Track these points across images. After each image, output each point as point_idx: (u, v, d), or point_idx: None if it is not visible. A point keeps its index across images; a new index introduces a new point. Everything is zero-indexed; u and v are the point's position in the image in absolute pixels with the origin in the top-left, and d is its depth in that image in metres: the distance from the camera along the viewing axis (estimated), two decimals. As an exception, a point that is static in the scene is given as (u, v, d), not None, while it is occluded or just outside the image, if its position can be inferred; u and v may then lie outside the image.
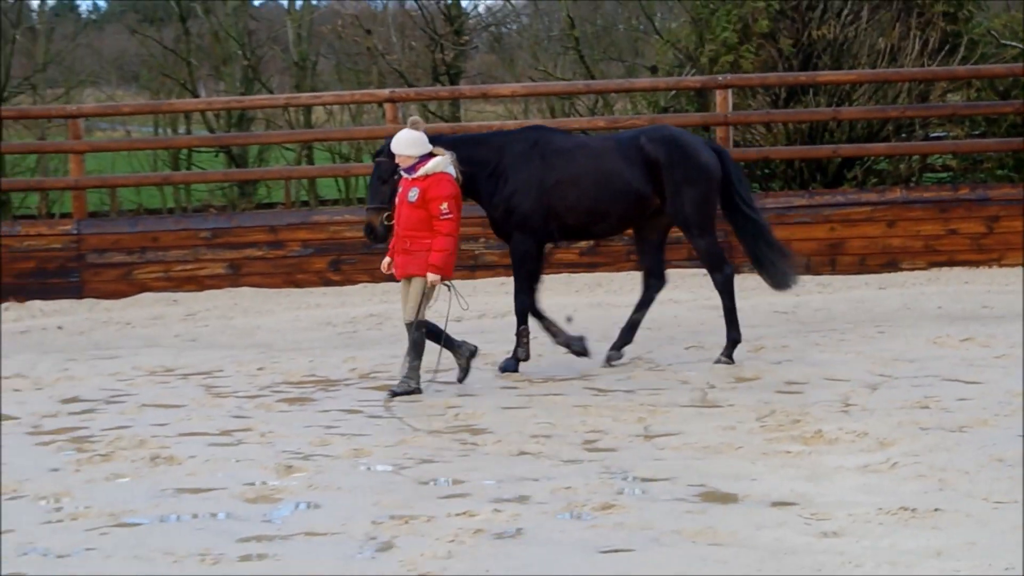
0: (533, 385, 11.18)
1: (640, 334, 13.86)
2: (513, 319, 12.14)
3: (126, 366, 12.39)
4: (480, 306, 16.68)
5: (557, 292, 17.68)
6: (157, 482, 8.12)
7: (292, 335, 15.03)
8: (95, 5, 38.24)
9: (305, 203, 29.23)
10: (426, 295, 10.96)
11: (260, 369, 12.43)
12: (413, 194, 10.86)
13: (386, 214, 11.33)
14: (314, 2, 32.18)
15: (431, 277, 10.81)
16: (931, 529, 6.64)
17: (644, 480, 7.82)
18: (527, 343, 11.97)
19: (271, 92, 30.02)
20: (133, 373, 12.11)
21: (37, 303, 17.50)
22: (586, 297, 17.24)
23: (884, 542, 6.45)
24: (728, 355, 12.03)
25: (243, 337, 14.98)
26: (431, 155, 11.00)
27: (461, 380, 11.25)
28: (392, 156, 11.20)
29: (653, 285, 12.69)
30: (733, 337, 12.18)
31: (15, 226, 19.59)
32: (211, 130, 29.18)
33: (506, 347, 12.68)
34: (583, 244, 19.06)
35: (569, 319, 13.30)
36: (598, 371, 11.70)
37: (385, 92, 21.27)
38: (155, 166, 29.90)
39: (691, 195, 12.02)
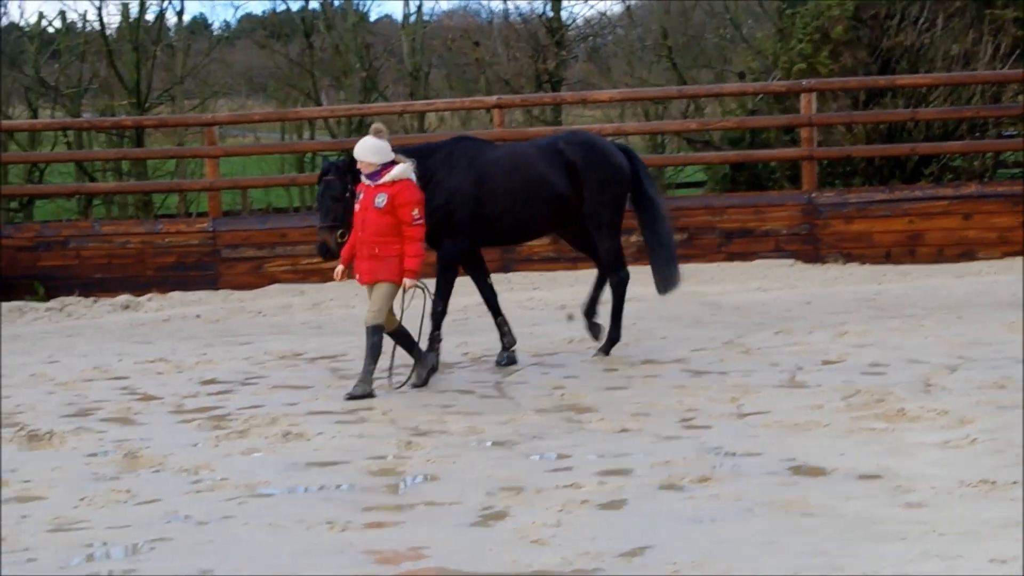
0: (632, 367, 11.13)
1: (731, 319, 13.83)
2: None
3: (258, 351, 12.47)
4: (583, 295, 16.64)
5: (650, 282, 17.61)
6: (288, 456, 8.15)
7: (406, 322, 15.03)
8: (226, 23, 38.44)
9: (419, 201, 29.27)
10: (397, 298, 10.50)
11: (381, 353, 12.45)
12: (381, 200, 10.16)
13: (339, 232, 10.71)
14: (426, 17, 32.22)
15: (408, 281, 10.33)
16: (1010, 500, 6.52)
17: (737, 455, 7.75)
18: (439, 349, 11.44)
19: (387, 100, 30.12)
20: (264, 357, 12.18)
21: (177, 294, 17.72)
22: (680, 286, 17.10)
23: (965, 512, 6.34)
24: (606, 351, 11.78)
25: (362, 324, 15.00)
26: (392, 162, 10.32)
27: (414, 385, 10.56)
28: (341, 175, 10.74)
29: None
30: (613, 336, 11.92)
31: (157, 224, 19.83)
32: (333, 135, 29.34)
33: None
34: (678, 237, 18.97)
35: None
36: (692, 354, 11.61)
37: (492, 99, 21.31)
38: (282, 169, 30.21)
39: (607, 197, 11.69)
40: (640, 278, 17.04)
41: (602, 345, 11.88)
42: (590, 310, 12.19)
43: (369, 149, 10.26)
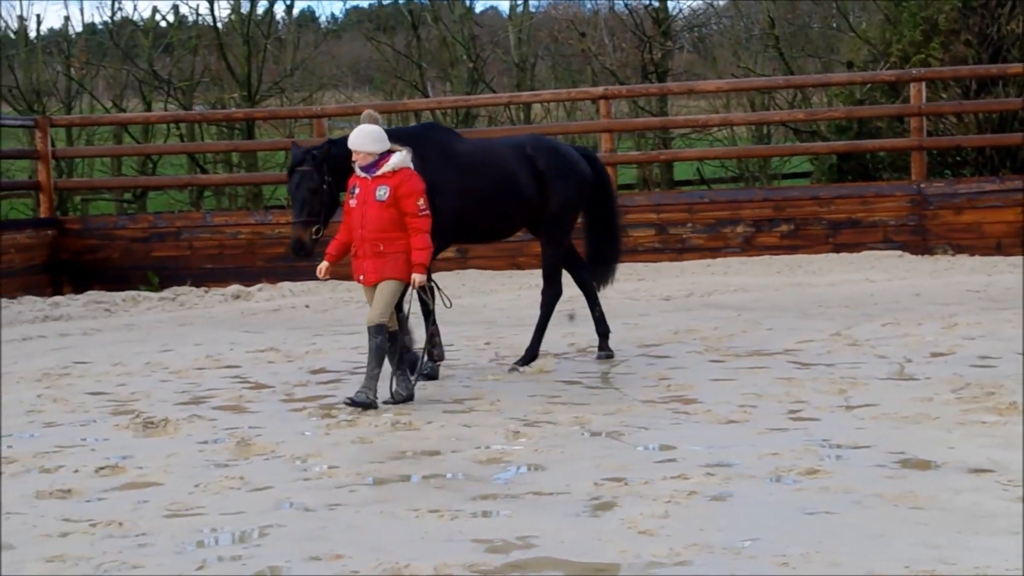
0: (739, 359, 11.08)
1: (838, 310, 13.72)
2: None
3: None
4: (689, 286, 16.65)
5: (757, 274, 17.57)
6: (397, 445, 8.20)
7: (515, 312, 15.10)
8: (333, 16, 38.69)
9: (525, 192, 29.31)
10: (404, 296, 9.84)
11: (487, 344, 12.54)
12: (382, 192, 9.41)
13: (315, 227, 10.11)
14: (532, 8, 32.24)
15: (418, 278, 9.54)
16: (1124, 496, 6.44)
17: (846, 447, 7.69)
18: (439, 342, 10.97)
19: (494, 91, 30.18)
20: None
21: (286, 284, 17.93)
22: (786, 277, 17.08)
23: (1078, 507, 6.27)
24: (524, 363, 11.10)
25: (470, 314, 15.09)
26: (388, 151, 9.59)
27: (352, 402, 9.41)
28: (317, 165, 10.08)
29: (583, 275, 11.96)
30: (532, 352, 11.24)
31: (267, 215, 20.05)
32: (439, 125, 29.44)
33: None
34: (784, 228, 18.91)
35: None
36: (799, 346, 11.54)
37: (599, 90, 21.28)
38: (390, 160, 30.32)
39: (568, 210, 11.33)
40: (753, 268, 17.02)
41: (520, 360, 11.19)
42: (602, 327, 11.72)
43: (368, 138, 9.53)
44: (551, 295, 11.51)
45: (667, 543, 5.85)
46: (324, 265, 9.83)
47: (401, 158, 9.53)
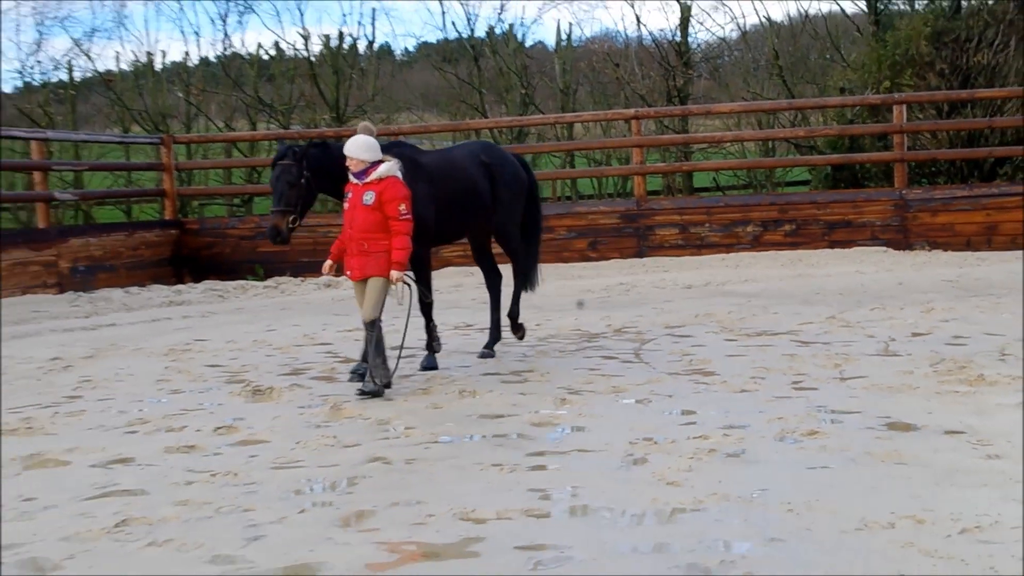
0: (750, 338, 11.05)
1: (833, 298, 13.66)
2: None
3: (436, 322, 12.57)
4: (707, 277, 16.62)
5: (764, 266, 17.52)
6: (463, 410, 8.23)
7: (560, 299, 15.12)
8: (406, 49, 38.71)
9: (568, 197, 29.35)
10: (388, 292, 9.18)
11: (538, 325, 12.54)
12: (369, 197, 8.94)
13: (291, 217, 9.49)
14: (574, 43, 32.19)
15: (395, 274, 8.98)
16: (1077, 454, 6.41)
17: (841, 413, 7.66)
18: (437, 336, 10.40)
19: (542, 113, 30.16)
20: (442, 328, 12.27)
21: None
22: (789, 270, 17.04)
23: (1038, 464, 6.23)
24: (491, 347, 10.76)
25: (522, 301, 15.07)
26: (379, 161, 9.13)
27: (361, 391, 8.88)
28: (297, 160, 9.48)
29: (494, 281, 11.28)
30: (496, 335, 10.90)
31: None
32: (496, 142, 29.44)
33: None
34: (787, 227, 18.87)
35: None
36: (801, 327, 11.50)
37: (631, 111, 21.28)
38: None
39: (515, 206, 10.84)
40: (761, 262, 16.96)
41: (486, 344, 10.84)
42: (496, 333, 10.95)
43: (362, 147, 9.04)
44: (521, 282, 11.19)
45: (691, 492, 5.85)
46: (328, 263, 9.36)
47: (388, 167, 9.08)
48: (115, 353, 11.75)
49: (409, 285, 9.29)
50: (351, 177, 9.11)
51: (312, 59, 30.32)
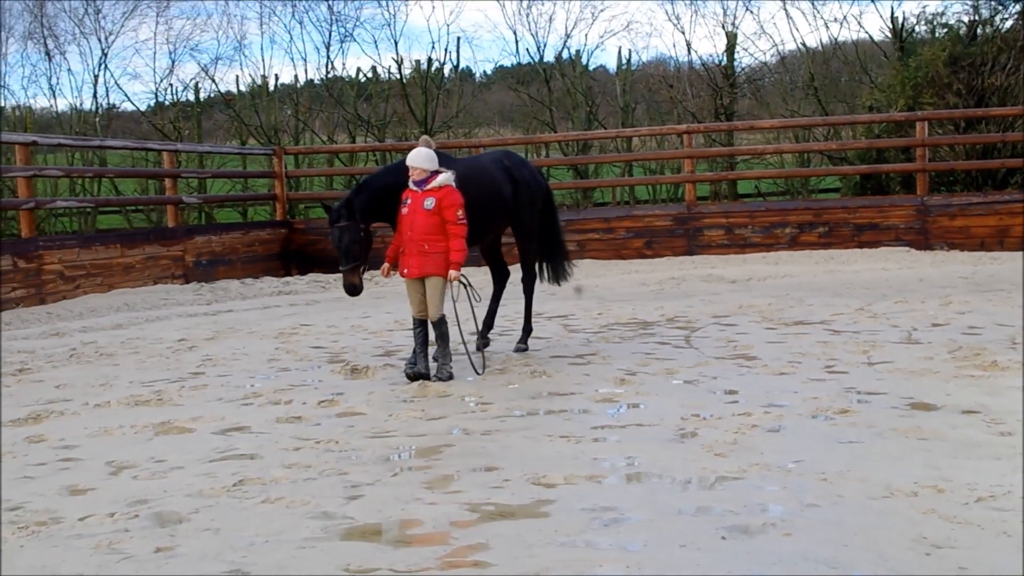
0: (787, 327, 10.94)
1: (861, 292, 13.48)
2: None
3: (510, 311, 12.58)
4: (749, 272, 16.47)
5: (801, 263, 17.34)
6: (535, 388, 8.22)
7: (619, 291, 15.07)
8: (485, 72, 38.72)
9: (627, 202, 29.23)
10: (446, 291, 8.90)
11: (599, 314, 12.50)
12: (429, 203, 8.70)
13: (361, 268, 9.11)
14: (633, 67, 32.03)
15: (453, 273, 8.72)
16: (1082, 433, 6.28)
17: (869, 393, 7.56)
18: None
19: (604, 128, 30.05)
20: (516, 316, 12.24)
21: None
22: (822, 266, 16.84)
23: (1047, 441, 6.12)
24: (524, 342, 10.26)
25: (586, 292, 15.07)
26: (436, 171, 8.89)
27: (438, 378, 8.69)
28: (351, 217, 8.93)
29: (499, 279, 10.75)
30: (528, 328, 10.37)
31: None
32: (564, 154, 29.38)
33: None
34: (821, 229, 18.67)
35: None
36: (833, 317, 11.37)
37: (683, 127, 21.14)
38: (527, 178, 30.29)
39: (534, 209, 10.30)
40: (798, 259, 16.76)
41: (520, 339, 10.34)
42: (490, 322, 10.32)
43: (424, 158, 8.83)
44: (532, 278, 10.59)
45: (735, 463, 5.80)
46: (386, 266, 9.13)
47: (446, 177, 8.84)
48: (232, 335, 11.87)
49: (465, 285, 9.11)
50: (410, 184, 8.86)
51: (404, 81, 30.40)
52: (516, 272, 10.95)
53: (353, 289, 9.11)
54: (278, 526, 5.01)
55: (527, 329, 10.39)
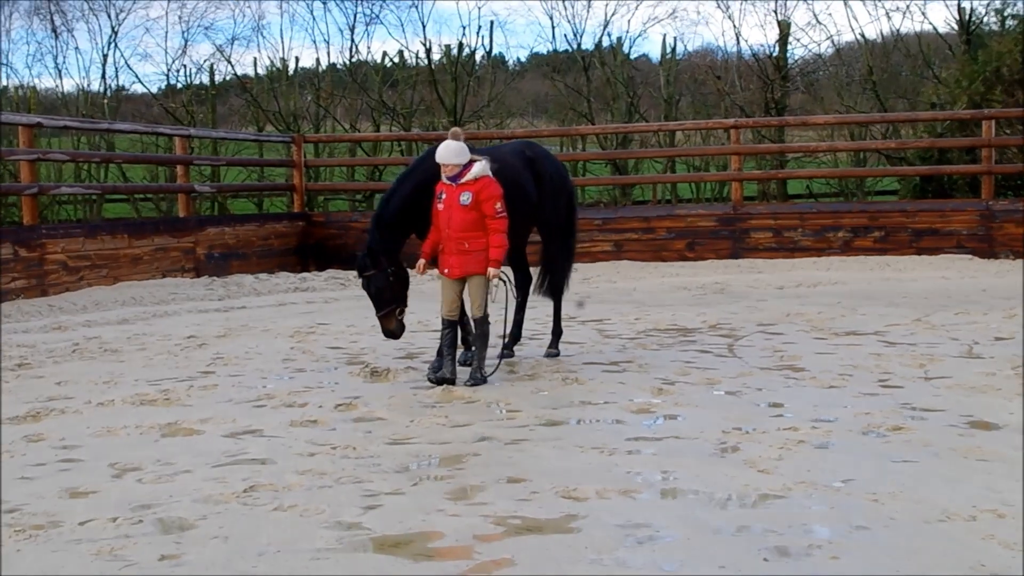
0: (838, 337, 10.89)
1: (918, 301, 13.42)
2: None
3: (540, 314, 12.57)
4: (798, 278, 16.43)
5: (853, 270, 17.28)
6: (566, 396, 8.22)
7: (658, 295, 15.06)
8: (518, 59, 38.73)
9: (668, 200, 29.22)
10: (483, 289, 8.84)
11: (636, 319, 12.49)
12: (466, 197, 8.64)
13: (397, 312, 9.07)
14: (678, 57, 32.01)
15: (492, 271, 8.71)
16: None
17: (925, 410, 7.52)
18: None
19: (646, 121, 30.04)
20: (546, 319, 12.24)
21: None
22: (877, 274, 16.78)
23: (1117, 465, 6.07)
24: (555, 346, 10.20)
25: (623, 296, 15.08)
26: (470, 162, 8.82)
27: (433, 377, 8.78)
28: (378, 264, 8.93)
29: (521, 284, 10.36)
30: (557, 331, 10.30)
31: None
32: (602, 148, 29.39)
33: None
34: (876, 234, 18.62)
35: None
36: (888, 328, 11.31)
37: (730, 121, 21.12)
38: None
39: (560, 204, 10.07)
40: (851, 266, 16.73)
41: (550, 344, 10.25)
42: (517, 332, 10.10)
43: (453, 152, 8.72)
44: (560, 280, 10.41)
45: (779, 480, 5.79)
46: (421, 263, 8.95)
47: (482, 167, 8.77)
48: (245, 333, 11.93)
49: (505, 282, 9.10)
50: (443, 178, 8.78)
51: (433, 67, 30.50)
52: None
53: (390, 335, 9.12)
54: (291, 535, 5.04)
55: (557, 332, 10.35)
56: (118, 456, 6.59)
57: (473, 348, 9.18)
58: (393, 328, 9.08)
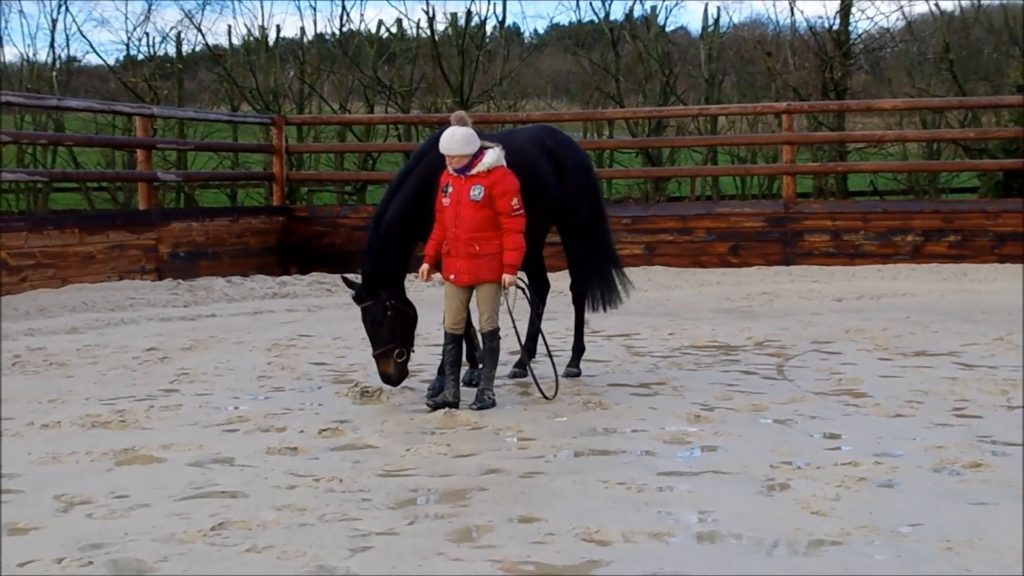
0: (906, 358, 10.88)
1: (1001, 318, 13.38)
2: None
3: (560, 327, 12.57)
4: (859, 289, 16.42)
5: (926, 280, 17.25)
6: (588, 422, 8.21)
7: (697, 307, 15.06)
8: (536, 31, 38.86)
9: (709, 197, 29.24)
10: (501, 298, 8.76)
11: (671, 334, 12.48)
12: (477, 192, 8.49)
13: (396, 353, 8.95)
14: (722, 30, 32.03)
15: (508, 278, 8.59)
16: None
17: (1007, 444, 7.49)
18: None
19: (684, 104, 30.06)
20: (566, 333, 12.23)
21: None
22: (952, 284, 16.74)
23: None
24: (575, 365, 10.19)
25: (655, 307, 15.09)
26: (481, 150, 8.64)
27: (432, 402, 8.70)
28: (374, 295, 8.91)
29: (539, 292, 10.37)
30: (579, 347, 10.31)
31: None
32: (632, 135, 29.41)
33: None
34: (952, 238, 18.58)
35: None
36: (964, 348, 11.29)
37: (782, 105, 21.09)
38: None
39: (584, 201, 10.02)
40: (922, 275, 16.71)
41: (570, 360, 10.23)
42: (531, 346, 10.10)
43: (460, 141, 8.53)
44: (583, 290, 10.39)
45: (837, 523, 5.78)
46: (425, 268, 8.86)
47: (495, 156, 8.61)
48: (215, 345, 11.96)
49: (523, 290, 8.95)
50: (450, 170, 8.65)
51: (436, 39, 30.55)
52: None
53: (387, 380, 9.04)
54: (266, 581, 5.05)
55: (578, 348, 10.36)
56: (65, 487, 6.60)
57: (480, 366, 9.17)
58: (391, 372, 8.99)
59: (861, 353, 11.19)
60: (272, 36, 32.39)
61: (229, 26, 48.56)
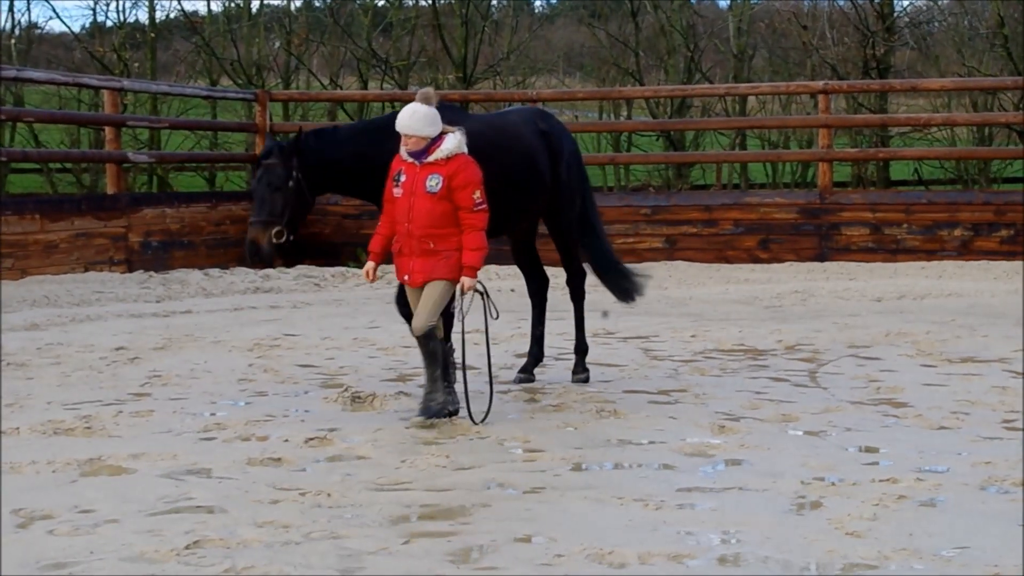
0: (952, 364, 10.90)
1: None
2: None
3: (570, 327, 12.55)
4: (901, 288, 16.41)
5: (975, 278, 17.24)
6: (603, 432, 8.24)
7: (722, 306, 15.08)
8: (547, 1, 38.89)
9: (736, 185, 29.22)
10: (452, 300, 8.58)
11: (693, 336, 12.50)
12: (434, 183, 8.25)
13: (275, 229, 8.85)
14: (753, 1, 32.01)
15: (468, 282, 8.41)
16: None
17: (1063, 460, 7.53)
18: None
19: (710, 82, 30.05)
20: (568, 332, 12.25)
21: (492, 267, 17.96)
22: (1005, 284, 16.70)
23: None
24: (582, 368, 10.24)
25: (677, 306, 15.10)
26: (441, 134, 8.38)
27: (423, 414, 8.58)
28: (285, 159, 8.81)
29: (537, 289, 10.44)
30: (582, 347, 10.33)
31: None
32: (653, 116, 29.39)
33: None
34: (1004, 233, 18.57)
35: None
36: (1015, 355, 11.29)
37: (819, 84, 21.12)
38: (599, 147, 30.37)
39: (575, 189, 10.01)
40: (971, 273, 16.74)
41: (575, 365, 10.29)
42: (537, 351, 10.31)
43: (422, 120, 8.27)
44: (580, 282, 10.42)
45: (875, 546, 5.79)
46: (370, 266, 8.68)
47: (456, 142, 8.35)
48: (191, 345, 11.98)
49: (483, 295, 8.70)
50: (403, 155, 8.45)
51: (437, 7, 30.53)
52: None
53: (254, 251, 8.99)
54: (245, 604, 5.07)
55: (581, 348, 10.38)
56: (23, 501, 6.61)
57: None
58: (262, 244, 8.94)
59: (902, 359, 11.21)
60: (256, 2, 32.38)
61: (208, -9, 48.59)
